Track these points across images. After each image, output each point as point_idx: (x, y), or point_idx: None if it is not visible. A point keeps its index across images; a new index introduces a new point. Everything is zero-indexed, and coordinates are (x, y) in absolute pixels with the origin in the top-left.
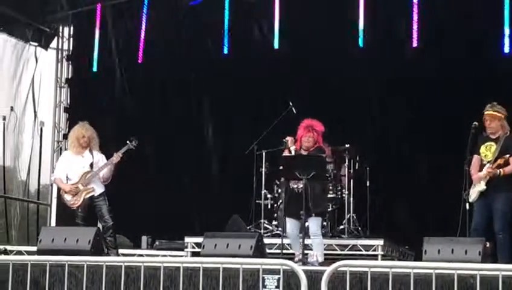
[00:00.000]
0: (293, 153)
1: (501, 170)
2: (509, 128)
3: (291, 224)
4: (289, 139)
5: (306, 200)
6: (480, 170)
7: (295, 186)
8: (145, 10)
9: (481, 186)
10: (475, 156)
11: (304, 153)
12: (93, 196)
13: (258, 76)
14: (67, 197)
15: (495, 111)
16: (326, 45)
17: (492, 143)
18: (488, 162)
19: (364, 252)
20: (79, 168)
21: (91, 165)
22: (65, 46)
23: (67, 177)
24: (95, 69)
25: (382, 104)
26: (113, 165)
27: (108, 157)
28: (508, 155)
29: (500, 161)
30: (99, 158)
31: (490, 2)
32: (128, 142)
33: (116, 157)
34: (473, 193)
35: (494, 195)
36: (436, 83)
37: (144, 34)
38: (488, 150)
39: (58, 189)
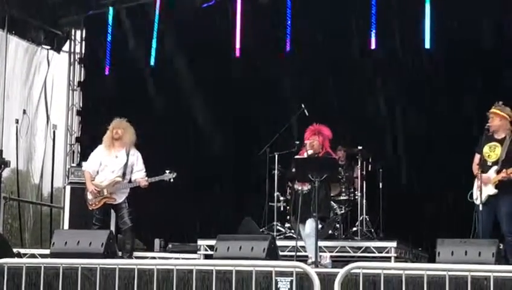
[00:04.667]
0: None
1: None
2: (511, 130)
3: (300, 227)
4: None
5: (313, 202)
6: (484, 170)
7: (299, 188)
8: (157, 13)
9: (492, 190)
10: (477, 155)
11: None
12: (113, 203)
13: (270, 78)
14: (89, 196)
15: (498, 110)
16: (339, 47)
17: (497, 144)
18: (493, 163)
19: (377, 254)
20: (110, 168)
21: (124, 174)
22: (77, 49)
23: (97, 172)
24: (107, 72)
25: (394, 106)
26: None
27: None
28: None
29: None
30: (135, 160)
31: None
32: (167, 171)
33: (144, 184)
34: (481, 196)
35: (498, 197)
36: (449, 83)
37: (156, 36)
38: (492, 151)
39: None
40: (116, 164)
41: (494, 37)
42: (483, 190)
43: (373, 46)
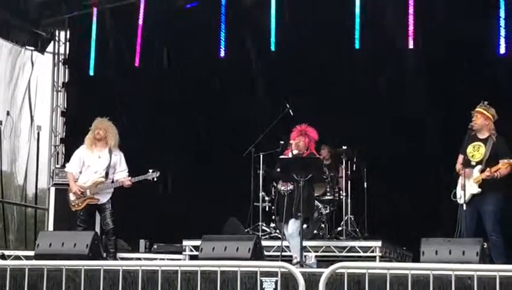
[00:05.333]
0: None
1: (497, 173)
2: (494, 130)
3: (284, 227)
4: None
5: (297, 202)
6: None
7: (283, 188)
8: (141, 13)
9: (476, 189)
10: (461, 155)
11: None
12: (97, 203)
13: (254, 78)
14: (72, 197)
15: (483, 109)
16: (322, 47)
17: (481, 144)
18: (477, 162)
19: (362, 254)
20: (93, 169)
21: (106, 174)
22: (61, 50)
23: (80, 172)
24: (91, 73)
25: (379, 105)
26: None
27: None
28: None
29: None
30: (117, 160)
31: (486, 3)
32: (150, 171)
33: (128, 184)
34: (465, 195)
35: (482, 196)
36: (433, 83)
37: (140, 37)
38: (476, 150)
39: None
40: (99, 164)
41: (476, 37)
42: (467, 189)
43: (357, 46)
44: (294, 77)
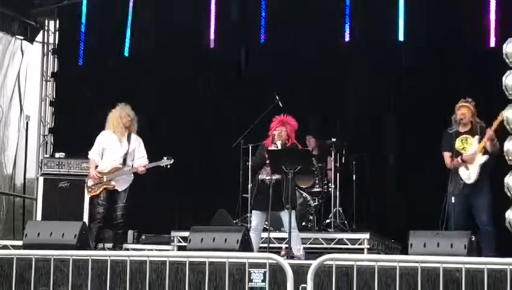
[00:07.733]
0: (279, 147)
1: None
2: (479, 122)
3: (257, 217)
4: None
5: (285, 192)
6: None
7: (267, 178)
8: (131, 3)
9: (482, 158)
10: (447, 154)
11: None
12: (117, 190)
13: (244, 69)
14: (89, 183)
15: (468, 104)
16: (313, 39)
17: (468, 136)
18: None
19: (350, 246)
20: (112, 156)
21: (124, 161)
22: (51, 40)
23: (102, 155)
24: (80, 62)
25: (368, 98)
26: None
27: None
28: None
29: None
30: (136, 145)
31: None
32: (165, 158)
33: (142, 170)
34: (473, 171)
35: (475, 189)
36: (422, 77)
37: (130, 27)
38: (465, 143)
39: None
40: (118, 151)
41: (467, 30)
42: (470, 170)
43: (347, 39)
44: (284, 69)
